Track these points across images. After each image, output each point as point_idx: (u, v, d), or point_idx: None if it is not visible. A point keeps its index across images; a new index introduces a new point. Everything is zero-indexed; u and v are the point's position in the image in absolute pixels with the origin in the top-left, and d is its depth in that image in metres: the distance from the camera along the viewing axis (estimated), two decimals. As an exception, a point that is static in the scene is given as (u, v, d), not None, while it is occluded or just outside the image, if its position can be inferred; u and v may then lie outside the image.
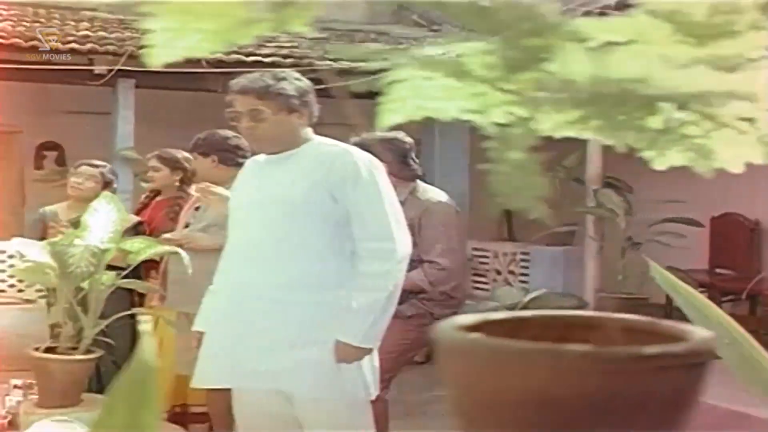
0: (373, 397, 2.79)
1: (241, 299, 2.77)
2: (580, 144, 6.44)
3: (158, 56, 0.89)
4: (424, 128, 8.37)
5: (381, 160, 3.39)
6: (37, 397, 3.80)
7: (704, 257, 7.70)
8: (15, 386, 4.07)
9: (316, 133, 4.14)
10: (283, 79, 2.83)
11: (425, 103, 0.90)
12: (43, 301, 7.15)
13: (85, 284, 3.81)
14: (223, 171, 4.03)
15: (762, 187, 6.13)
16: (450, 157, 7.66)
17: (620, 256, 5.90)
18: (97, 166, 4.99)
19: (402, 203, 3.87)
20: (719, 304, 7.19)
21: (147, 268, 4.51)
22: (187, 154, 4.99)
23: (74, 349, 3.86)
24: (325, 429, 2.69)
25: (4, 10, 8.29)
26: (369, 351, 2.71)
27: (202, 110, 9.17)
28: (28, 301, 7.25)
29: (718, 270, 7.55)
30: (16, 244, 3.86)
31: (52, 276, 3.79)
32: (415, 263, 3.70)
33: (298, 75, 2.90)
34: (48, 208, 4.95)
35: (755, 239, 7.59)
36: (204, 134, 4.25)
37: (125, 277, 4.05)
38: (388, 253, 2.69)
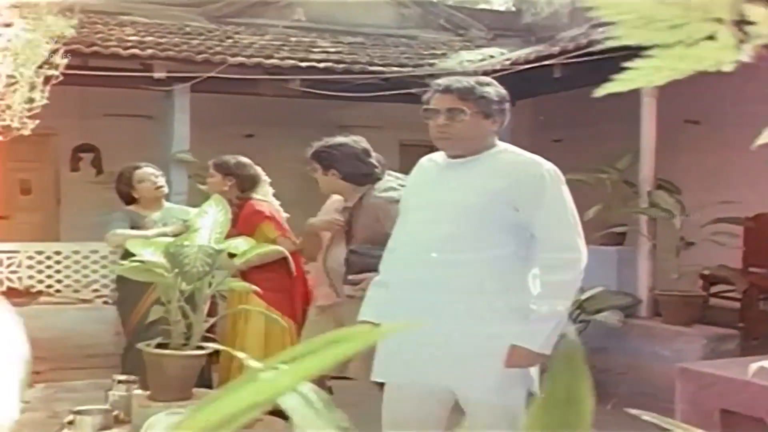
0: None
1: (414, 296, 2.80)
2: (632, 147, 6.63)
3: (618, 87, 1.06)
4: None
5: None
6: (149, 391, 3.90)
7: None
8: (119, 381, 4.17)
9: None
10: (488, 84, 2.89)
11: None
12: (99, 301, 7.33)
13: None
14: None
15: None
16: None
17: (675, 255, 6.07)
18: (157, 168, 5.26)
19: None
20: (758, 301, 7.36)
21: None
22: (243, 160, 5.16)
23: (185, 345, 4.00)
24: (491, 429, 2.70)
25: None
26: (545, 357, 2.73)
27: (252, 113, 9.37)
28: (84, 301, 7.41)
29: (751, 269, 7.60)
30: (132, 246, 3.99)
31: (165, 276, 3.91)
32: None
33: (495, 83, 2.95)
34: (121, 212, 5.10)
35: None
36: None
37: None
38: (573, 263, 2.72)
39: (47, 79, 4.44)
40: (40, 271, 7.47)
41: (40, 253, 7.47)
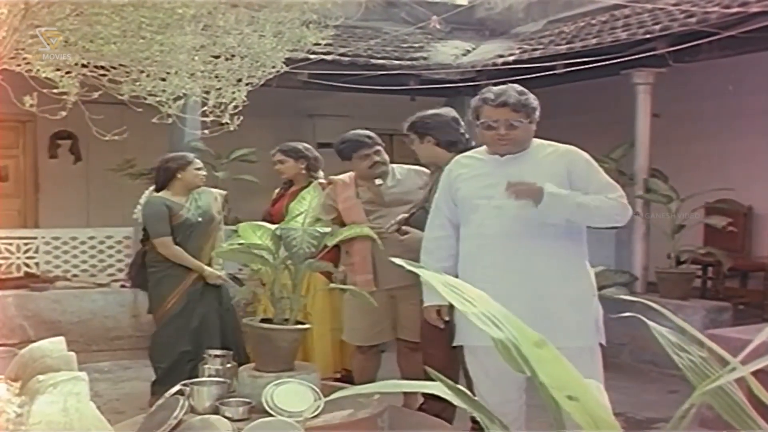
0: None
1: (504, 269, 3.39)
2: (626, 138, 7.23)
3: None
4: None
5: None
6: (254, 363, 4.19)
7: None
8: (215, 356, 4.46)
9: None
10: (524, 93, 3.48)
11: None
12: (116, 285, 7.53)
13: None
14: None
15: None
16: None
17: (670, 237, 6.69)
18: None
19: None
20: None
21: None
22: (306, 144, 5.60)
23: (286, 320, 4.32)
24: (587, 370, 3.30)
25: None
26: (539, 200, 3.32)
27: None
28: (100, 285, 7.59)
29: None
30: (243, 231, 4.30)
31: (267, 257, 4.23)
32: None
33: (525, 89, 3.51)
34: (161, 198, 5.36)
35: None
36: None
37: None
38: (620, 199, 3.42)
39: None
40: (56, 257, 7.61)
41: (56, 238, 7.61)
